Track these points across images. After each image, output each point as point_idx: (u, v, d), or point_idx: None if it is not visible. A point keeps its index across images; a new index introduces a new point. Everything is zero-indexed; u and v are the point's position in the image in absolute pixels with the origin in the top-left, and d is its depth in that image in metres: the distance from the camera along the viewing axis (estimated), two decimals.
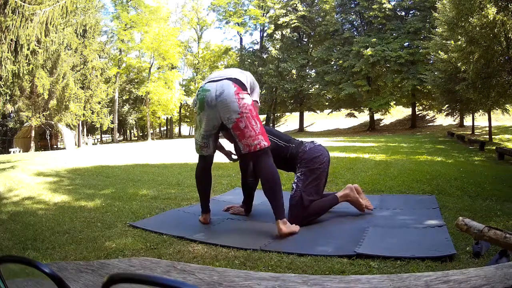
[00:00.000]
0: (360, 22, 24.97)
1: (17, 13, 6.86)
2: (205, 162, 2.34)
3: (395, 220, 2.25)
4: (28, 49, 7.61)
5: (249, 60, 28.11)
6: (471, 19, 7.45)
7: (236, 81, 2.10)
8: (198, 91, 2.17)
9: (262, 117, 31.62)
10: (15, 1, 6.71)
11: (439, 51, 10.94)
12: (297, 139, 2.52)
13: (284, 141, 2.43)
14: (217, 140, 2.33)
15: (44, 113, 16.13)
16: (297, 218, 2.18)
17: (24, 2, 6.88)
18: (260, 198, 3.02)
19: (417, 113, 23.93)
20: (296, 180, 2.29)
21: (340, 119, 27.84)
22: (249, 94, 2.16)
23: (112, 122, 24.08)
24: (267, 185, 2.08)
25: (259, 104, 2.25)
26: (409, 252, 1.62)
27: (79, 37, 17.33)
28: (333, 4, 24.91)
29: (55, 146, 19.86)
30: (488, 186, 3.20)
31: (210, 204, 2.40)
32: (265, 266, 1.58)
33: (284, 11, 26.22)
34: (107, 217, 2.55)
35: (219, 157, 2.64)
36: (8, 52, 7.23)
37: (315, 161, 2.30)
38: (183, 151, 9.84)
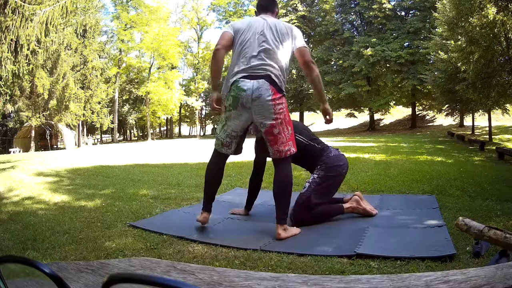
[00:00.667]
0: (360, 22, 24.98)
1: (17, 13, 6.87)
2: (220, 160, 2.25)
3: (395, 220, 2.25)
4: (28, 49, 7.62)
5: None
6: (471, 19, 7.45)
7: (273, 83, 2.03)
8: (233, 85, 2.07)
9: None
10: (15, 1, 6.71)
11: (439, 51, 10.95)
12: (323, 141, 2.50)
13: (308, 139, 2.41)
14: (242, 143, 2.25)
15: (44, 113, 16.14)
16: (299, 216, 2.22)
17: (24, 2, 6.89)
18: (260, 198, 3.02)
19: (417, 113, 23.94)
20: (311, 180, 2.31)
21: (340, 119, 27.85)
22: (284, 96, 2.09)
23: (112, 122, 24.10)
24: (281, 190, 2.08)
25: (307, 47, 2.15)
26: (409, 252, 1.62)
27: (79, 37, 17.34)
28: (333, 4, 24.91)
29: (55, 146, 19.86)
30: (488, 186, 3.20)
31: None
32: (265, 266, 1.58)
33: (284, 11, 26.22)
34: (107, 217, 2.55)
35: None
36: (8, 52, 7.23)
37: (336, 169, 2.32)
38: (183, 151, 9.84)
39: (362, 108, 24.03)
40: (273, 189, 2.12)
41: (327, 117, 2.20)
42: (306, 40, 28.84)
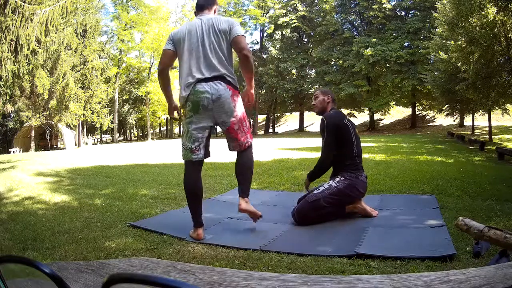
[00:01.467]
0: (360, 22, 24.97)
1: (17, 13, 6.86)
2: (194, 169, 2.20)
3: (395, 220, 2.25)
4: (28, 49, 7.61)
5: None
6: (471, 19, 7.46)
7: (228, 82, 2.10)
8: (190, 91, 2.10)
9: (262, 117, 31.70)
10: (15, 1, 6.71)
11: (439, 51, 10.94)
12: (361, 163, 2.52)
13: (357, 151, 2.46)
14: (209, 145, 2.25)
15: (44, 113, 16.13)
16: (303, 213, 2.28)
17: (24, 2, 6.89)
18: (260, 198, 3.02)
19: (417, 113, 23.94)
20: (327, 186, 2.37)
21: None
22: (237, 91, 2.17)
23: (112, 122, 24.09)
24: (243, 171, 2.24)
25: (244, 35, 2.16)
26: (409, 252, 1.62)
27: (79, 37, 17.33)
28: (333, 4, 24.89)
29: (55, 146, 19.87)
30: (488, 186, 3.20)
31: (210, 204, 2.41)
32: (265, 266, 1.58)
33: (284, 11, 26.22)
34: (107, 217, 2.55)
35: (219, 157, 2.64)
36: (8, 52, 7.23)
37: (355, 192, 2.35)
38: None
39: (362, 108, 24.02)
40: (235, 170, 2.27)
41: (247, 99, 2.21)
42: (306, 40, 28.95)
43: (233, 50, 2.18)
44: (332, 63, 24.55)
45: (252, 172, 2.30)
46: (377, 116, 25.37)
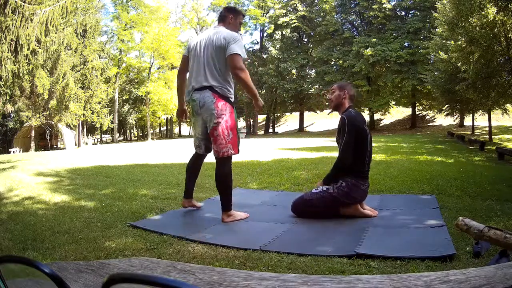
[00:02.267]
0: (360, 22, 24.98)
1: (17, 13, 6.86)
2: (196, 158, 2.65)
3: (395, 220, 2.25)
4: (28, 49, 7.62)
5: (249, 60, 28.07)
6: (471, 19, 7.45)
7: (215, 92, 2.32)
8: (188, 97, 2.45)
9: (262, 117, 31.70)
10: (15, 1, 6.71)
11: (439, 51, 10.94)
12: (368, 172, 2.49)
13: (368, 159, 2.43)
14: (210, 144, 2.47)
15: (44, 113, 16.12)
16: (298, 209, 2.42)
17: (24, 2, 6.88)
18: (260, 198, 3.02)
19: (417, 113, 23.94)
20: (325, 189, 2.37)
21: None
22: (225, 101, 2.34)
23: (112, 122, 24.09)
24: (219, 186, 2.40)
25: (245, 55, 2.33)
26: (409, 252, 1.62)
27: (79, 37, 17.32)
28: (333, 4, 24.90)
29: (55, 146, 19.87)
30: (488, 186, 3.20)
31: (210, 204, 2.51)
32: (265, 266, 1.58)
33: (284, 11, 26.22)
34: (107, 217, 2.55)
35: None
36: (8, 52, 7.23)
37: (351, 199, 2.34)
38: (183, 151, 9.83)
39: (362, 108, 24.00)
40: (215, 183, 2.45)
41: (256, 109, 2.53)
42: (306, 40, 28.94)
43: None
44: (332, 63, 24.56)
45: (226, 185, 2.37)
46: (377, 116, 25.38)
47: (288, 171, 4.62)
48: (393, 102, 22.79)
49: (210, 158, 2.57)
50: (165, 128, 36.39)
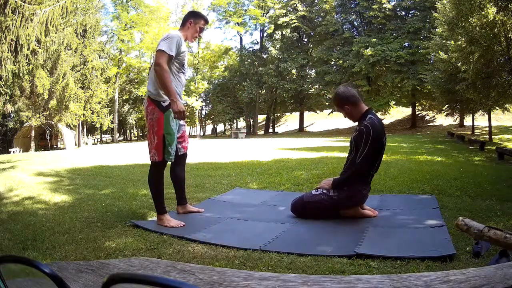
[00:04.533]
0: (360, 22, 24.97)
1: (17, 13, 6.86)
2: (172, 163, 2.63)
3: (395, 220, 2.25)
4: (28, 49, 7.62)
5: (249, 60, 28.11)
6: (471, 19, 7.45)
7: (149, 98, 2.34)
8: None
9: (262, 117, 31.70)
10: (15, 1, 6.71)
11: (439, 51, 10.94)
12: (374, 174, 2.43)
13: (376, 168, 2.37)
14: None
15: (44, 113, 16.12)
16: (298, 209, 2.42)
17: (24, 2, 6.89)
18: (260, 198, 3.02)
19: (417, 113, 23.94)
20: (325, 192, 2.35)
21: (340, 119, 27.73)
22: (158, 107, 2.32)
23: (112, 122, 24.08)
24: (150, 189, 2.47)
25: (170, 52, 2.25)
26: (409, 252, 1.62)
27: (79, 37, 17.31)
28: (333, 4, 24.90)
29: (55, 146, 19.86)
30: (488, 186, 3.20)
31: (210, 204, 2.52)
32: (265, 266, 1.58)
33: (284, 11, 26.22)
34: (107, 217, 2.55)
35: (219, 158, 2.64)
36: (8, 52, 7.23)
37: (350, 202, 2.32)
38: None
39: None
40: None
41: (174, 115, 2.28)
42: (306, 40, 28.92)
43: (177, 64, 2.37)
44: (332, 63, 24.55)
45: (154, 190, 2.41)
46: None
47: (288, 171, 4.62)
48: (393, 102, 22.79)
49: (211, 158, 2.56)
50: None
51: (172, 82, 2.23)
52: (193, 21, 2.43)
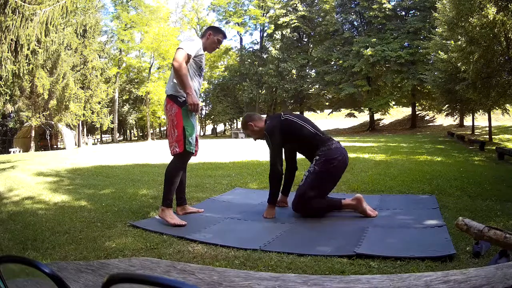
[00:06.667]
0: (360, 22, 24.98)
1: (17, 13, 6.86)
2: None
3: (395, 220, 2.25)
4: (28, 49, 7.61)
5: (249, 60, 28.11)
6: (471, 19, 7.45)
7: (168, 96, 2.47)
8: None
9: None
10: (15, 1, 6.71)
11: (439, 51, 10.93)
12: (328, 135, 2.57)
13: (311, 126, 2.51)
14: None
15: (44, 113, 16.12)
16: (298, 207, 2.39)
17: (24, 2, 6.88)
18: (260, 198, 3.02)
19: (417, 113, 23.94)
20: (307, 173, 2.41)
21: (340, 119, 27.84)
22: (177, 104, 2.42)
23: (112, 122, 24.08)
24: (165, 178, 2.46)
25: (190, 52, 2.40)
26: (409, 252, 1.62)
27: (79, 37, 17.32)
28: (333, 4, 24.90)
29: (55, 146, 19.87)
30: (488, 186, 3.20)
31: (209, 204, 2.51)
32: (265, 266, 1.58)
33: (284, 11, 26.22)
34: (107, 217, 2.55)
35: (219, 157, 2.65)
36: (8, 52, 7.22)
37: (333, 162, 2.37)
38: None
39: (362, 108, 24.03)
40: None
41: (190, 108, 2.38)
42: (306, 40, 28.93)
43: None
44: (332, 63, 24.57)
45: (170, 182, 2.42)
46: (377, 116, 25.38)
47: None
48: (393, 102, 22.80)
49: (211, 158, 2.57)
50: (165, 128, 36.37)
51: (188, 77, 2.38)
52: (212, 33, 2.62)
